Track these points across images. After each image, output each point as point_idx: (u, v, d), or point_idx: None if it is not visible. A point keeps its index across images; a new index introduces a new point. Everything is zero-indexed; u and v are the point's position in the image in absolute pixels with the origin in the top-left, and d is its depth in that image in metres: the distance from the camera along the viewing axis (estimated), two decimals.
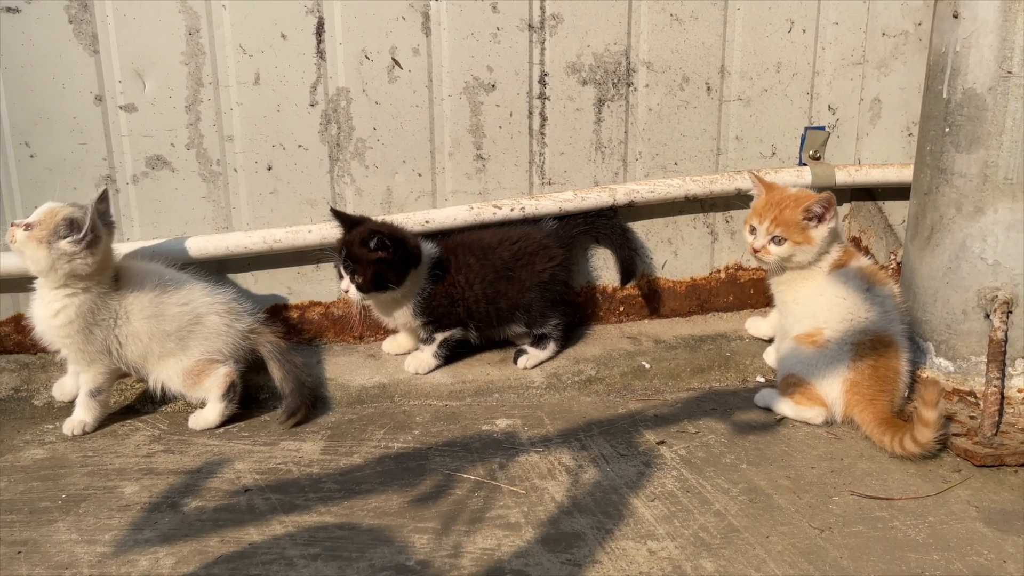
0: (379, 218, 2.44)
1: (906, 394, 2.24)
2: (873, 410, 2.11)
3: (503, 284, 2.45)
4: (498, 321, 2.50)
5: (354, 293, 2.32)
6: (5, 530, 1.78)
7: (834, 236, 2.28)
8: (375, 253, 2.27)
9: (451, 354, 2.51)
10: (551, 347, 2.55)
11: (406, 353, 2.55)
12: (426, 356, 2.48)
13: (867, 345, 2.17)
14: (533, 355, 2.53)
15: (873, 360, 2.16)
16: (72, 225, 2.03)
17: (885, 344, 2.18)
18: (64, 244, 2.03)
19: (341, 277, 2.33)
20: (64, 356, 2.21)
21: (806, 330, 2.25)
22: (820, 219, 2.23)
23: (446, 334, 2.46)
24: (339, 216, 2.37)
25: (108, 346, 2.14)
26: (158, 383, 2.23)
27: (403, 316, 2.43)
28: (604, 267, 2.76)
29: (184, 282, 2.26)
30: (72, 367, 2.27)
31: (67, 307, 2.08)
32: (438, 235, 2.51)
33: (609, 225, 2.64)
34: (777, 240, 2.24)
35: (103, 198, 2.15)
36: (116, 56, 2.33)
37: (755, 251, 2.29)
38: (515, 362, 2.53)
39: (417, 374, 2.47)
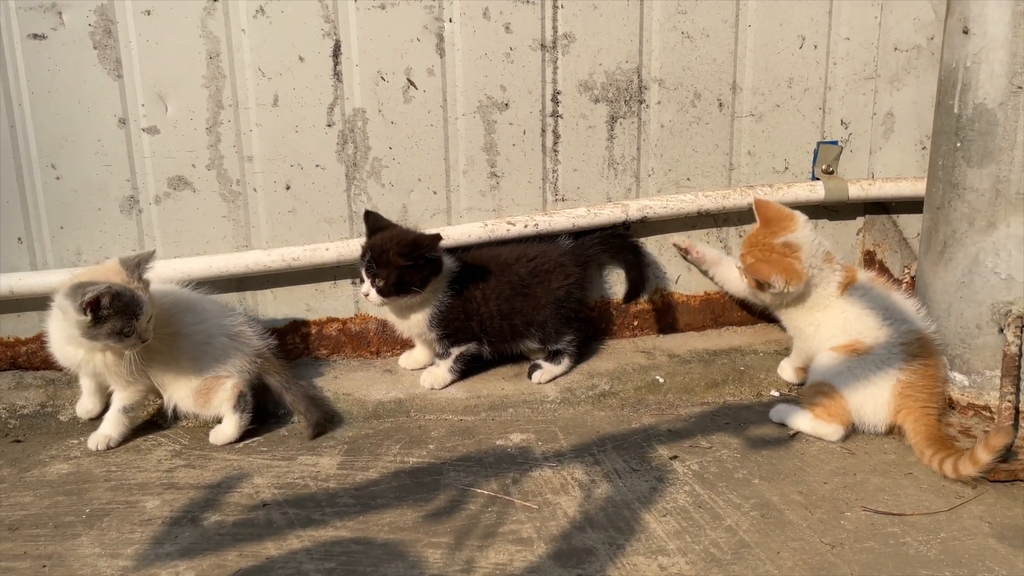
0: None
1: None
2: (927, 422, 2.11)
3: (519, 301, 2.48)
4: (512, 337, 2.53)
5: (374, 296, 2.34)
6: (31, 544, 1.83)
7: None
8: (401, 260, 2.31)
9: (466, 369, 2.55)
10: (565, 362, 2.57)
11: (422, 368, 2.58)
12: (441, 371, 2.51)
13: (916, 344, 2.21)
14: (547, 370, 2.55)
15: (924, 359, 2.19)
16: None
17: (930, 342, 2.25)
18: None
19: (361, 281, 2.37)
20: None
21: (843, 342, 2.26)
22: None
23: (462, 348, 2.49)
24: (370, 219, 2.41)
25: (133, 367, 2.18)
26: (171, 402, 2.28)
27: (418, 326, 2.46)
28: (618, 282, 2.78)
29: (197, 302, 2.32)
30: (88, 385, 2.33)
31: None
32: (457, 251, 2.55)
33: (622, 243, 2.67)
34: None
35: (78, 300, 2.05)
36: (139, 80, 2.39)
37: None
38: (529, 377, 2.56)
39: (433, 389, 2.50)
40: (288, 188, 2.53)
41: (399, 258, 2.30)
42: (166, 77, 2.40)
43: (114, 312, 2.02)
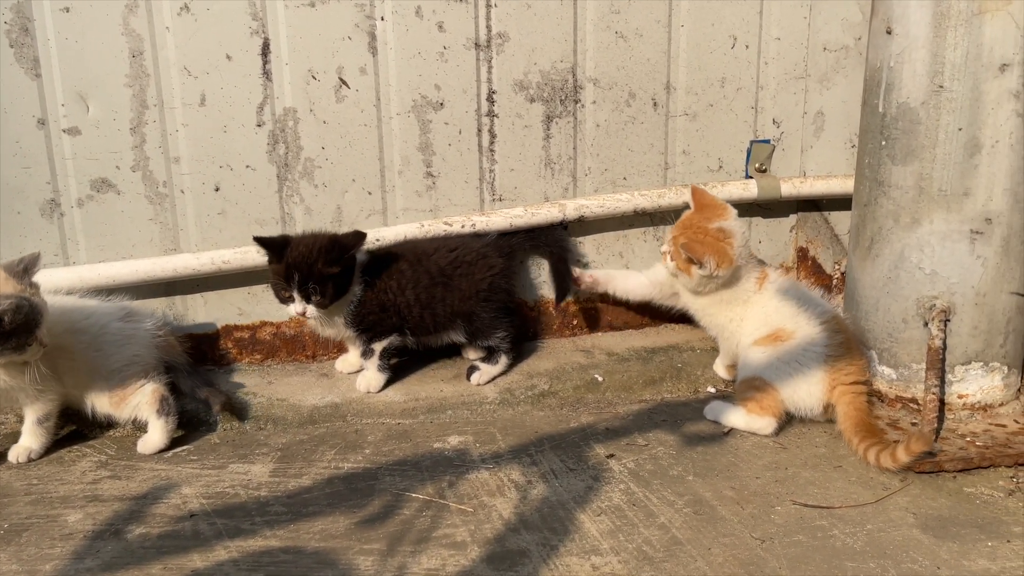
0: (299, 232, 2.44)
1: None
2: (857, 404, 2.17)
3: (439, 290, 2.45)
4: (435, 328, 2.49)
5: (312, 312, 2.31)
6: None
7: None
8: (332, 267, 2.27)
9: (397, 365, 2.51)
10: (503, 361, 2.56)
11: (358, 372, 2.55)
12: (373, 373, 2.47)
13: (834, 322, 2.28)
14: (486, 371, 2.54)
15: (844, 334, 2.27)
16: None
17: (842, 320, 2.34)
18: None
19: (289, 301, 2.31)
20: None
21: (764, 334, 2.30)
22: None
23: (383, 343, 2.45)
24: (264, 242, 2.30)
25: (37, 375, 2.08)
26: (90, 405, 2.21)
27: (335, 326, 2.42)
28: None
29: (78, 301, 2.25)
30: None
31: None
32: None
33: (552, 237, 2.67)
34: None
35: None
36: (59, 79, 2.31)
37: None
38: (468, 378, 2.54)
39: (369, 392, 2.47)
40: (217, 190, 2.47)
41: (329, 267, 2.27)
42: (87, 76, 2.32)
43: (17, 326, 1.92)
